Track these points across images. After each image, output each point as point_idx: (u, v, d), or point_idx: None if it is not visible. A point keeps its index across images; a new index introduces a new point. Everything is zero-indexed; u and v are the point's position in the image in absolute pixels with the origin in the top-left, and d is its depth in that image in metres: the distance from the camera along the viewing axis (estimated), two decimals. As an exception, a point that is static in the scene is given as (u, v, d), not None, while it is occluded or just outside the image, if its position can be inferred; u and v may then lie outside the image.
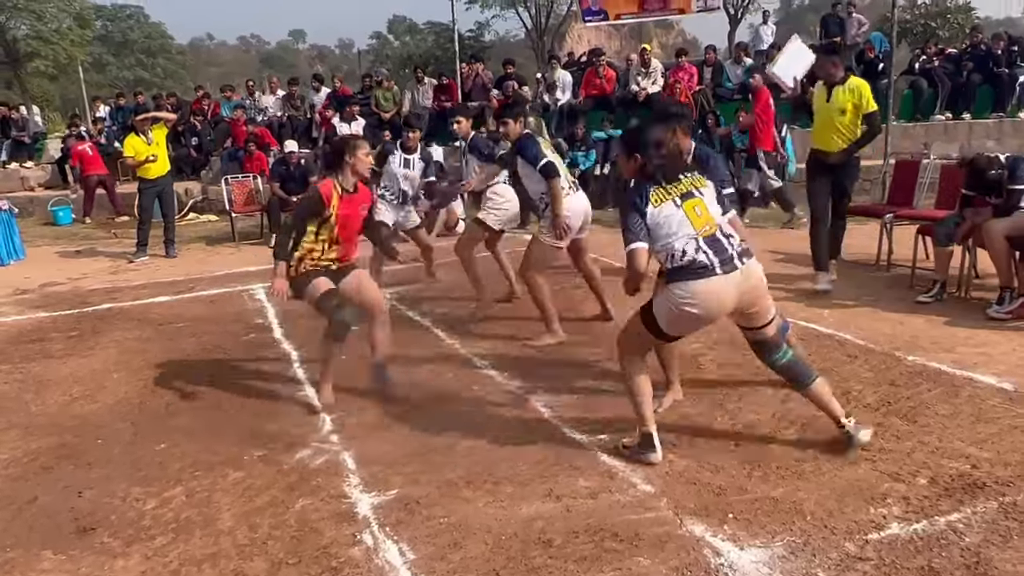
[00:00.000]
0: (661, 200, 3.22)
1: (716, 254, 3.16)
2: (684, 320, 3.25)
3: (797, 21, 55.57)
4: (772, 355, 3.41)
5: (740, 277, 3.18)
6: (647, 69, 12.38)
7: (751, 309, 3.28)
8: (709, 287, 3.14)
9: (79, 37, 29.71)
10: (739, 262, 3.19)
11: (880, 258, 6.78)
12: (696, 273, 3.15)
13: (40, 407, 4.50)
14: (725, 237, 3.23)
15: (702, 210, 3.23)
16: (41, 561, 2.90)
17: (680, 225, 3.19)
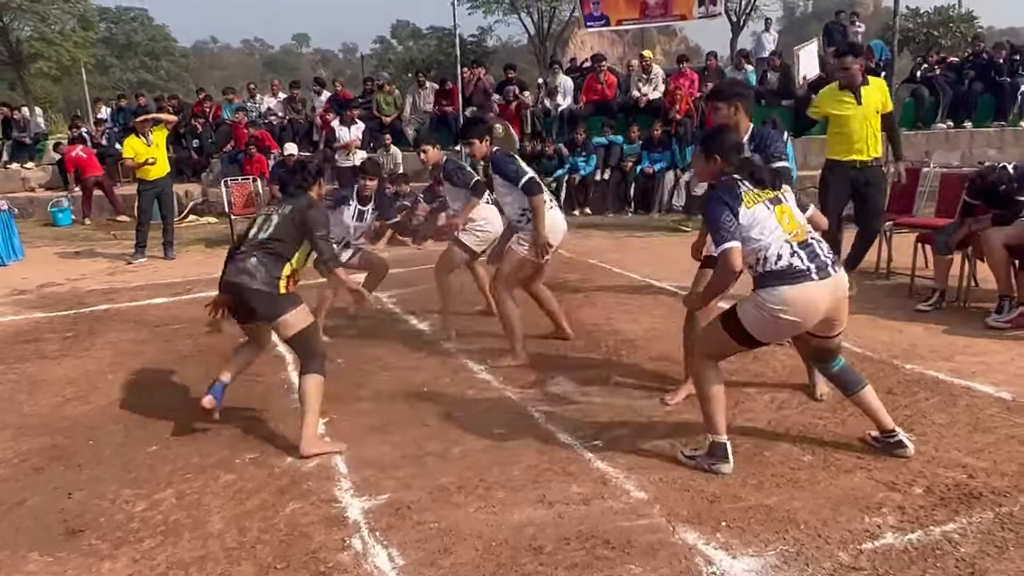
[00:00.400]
0: (754, 201, 3.14)
1: (810, 259, 3.09)
2: (780, 327, 3.16)
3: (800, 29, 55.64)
4: (830, 362, 3.42)
5: (833, 284, 3.12)
6: (648, 75, 12.38)
7: (836, 318, 3.23)
8: (806, 293, 3.06)
9: (82, 39, 29.81)
10: (832, 270, 3.13)
11: (879, 266, 6.75)
12: (792, 278, 3.06)
13: (33, 408, 4.47)
14: (817, 243, 3.17)
15: (790, 217, 3.17)
16: (28, 563, 2.87)
17: (774, 228, 3.11)
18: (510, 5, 32.59)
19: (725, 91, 4.07)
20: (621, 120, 12.08)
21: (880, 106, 5.58)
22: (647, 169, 11.19)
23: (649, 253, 8.12)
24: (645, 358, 4.82)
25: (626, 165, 11.39)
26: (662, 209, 11.07)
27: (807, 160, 11.53)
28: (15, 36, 27.94)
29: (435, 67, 27.32)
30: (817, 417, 3.81)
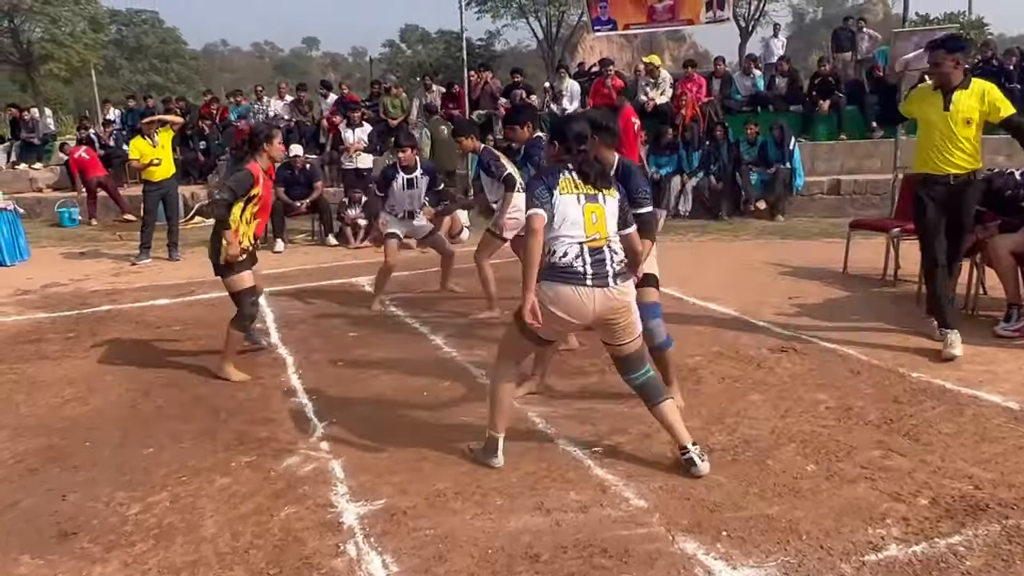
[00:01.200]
0: (568, 191, 3.22)
1: (594, 266, 3.18)
2: (548, 321, 3.22)
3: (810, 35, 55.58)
4: (629, 373, 3.42)
5: (605, 296, 3.18)
6: (655, 80, 12.34)
7: (614, 327, 3.29)
8: (573, 295, 3.16)
9: (93, 41, 29.97)
10: (612, 281, 3.19)
11: (886, 273, 6.69)
12: (569, 278, 3.17)
13: (30, 408, 4.45)
14: (610, 252, 3.23)
15: (599, 217, 3.22)
16: (18, 566, 2.84)
17: (572, 225, 3.19)
18: (519, 9, 32.61)
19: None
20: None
21: (976, 117, 4.67)
22: (653, 174, 11.14)
23: (653, 258, 8.05)
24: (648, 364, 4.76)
25: (632, 170, 11.31)
26: (668, 214, 11.00)
27: (814, 166, 11.48)
28: (26, 38, 28.11)
29: (443, 71, 27.38)
30: (821, 426, 3.75)
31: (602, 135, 3.76)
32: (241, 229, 4.73)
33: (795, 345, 5.01)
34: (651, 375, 3.45)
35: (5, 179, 13.41)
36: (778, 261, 7.72)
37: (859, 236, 7.31)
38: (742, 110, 12.06)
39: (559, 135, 3.39)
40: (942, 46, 4.73)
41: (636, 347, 3.38)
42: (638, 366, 3.40)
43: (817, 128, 11.99)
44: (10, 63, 29.31)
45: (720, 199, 10.77)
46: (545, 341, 3.46)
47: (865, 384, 4.28)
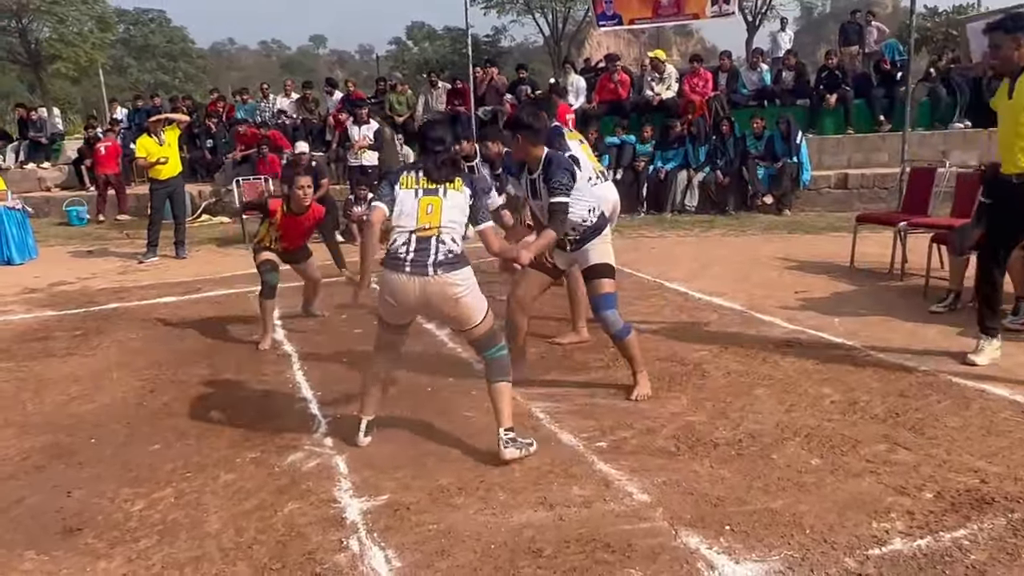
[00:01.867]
0: (408, 185, 3.42)
1: (417, 254, 3.33)
2: (384, 306, 3.47)
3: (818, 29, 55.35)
4: (480, 352, 3.58)
5: (422, 284, 3.32)
6: (661, 75, 12.31)
7: (445, 315, 3.48)
8: (396, 281, 3.35)
9: (100, 40, 30.03)
10: (431, 270, 3.31)
11: (893, 267, 6.66)
12: (393, 265, 3.35)
13: (37, 406, 4.47)
14: (438, 243, 3.34)
15: (435, 211, 3.37)
16: (23, 562, 2.85)
17: (407, 216, 3.37)
18: (524, 5, 32.55)
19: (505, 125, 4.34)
20: (634, 120, 12.02)
21: None
22: (660, 169, 11.12)
23: (659, 253, 8.05)
24: (652, 359, 4.75)
25: (639, 165, 11.31)
26: (674, 209, 10.99)
27: (821, 160, 11.44)
28: (34, 37, 28.19)
29: (449, 67, 27.35)
30: (826, 420, 3.74)
31: (526, 133, 3.94)
32: (267, 240, 5.56)
33: (800, 339, 4.99)
34: (500, 355, 3.53)
35: (13, 178, 13.46)
36: (784, 255, 7.70)
37: (866, 230, 7.27)
38: (748, 104, 12.01)
39: (419, 138, 3.66)
40: (1000, 26, 4.13)
41: (480, 332, 3.49)
42: (487, 346, 3.52)
43: (824, 122, 11.94)
44: (18, 63, 29.42)
45: (727, 194, 10.74)
46: (393, 326, 3.59)
47: (871, 378, 4.26)
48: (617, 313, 4.11)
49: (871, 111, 11.76)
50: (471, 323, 3.45)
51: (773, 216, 10.32)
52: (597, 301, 4.12)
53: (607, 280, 4.11)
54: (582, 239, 4.14)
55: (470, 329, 3.48)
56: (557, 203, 3.88)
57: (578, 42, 35.02)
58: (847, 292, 6.24)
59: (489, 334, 3.52)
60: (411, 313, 3.54)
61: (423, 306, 3.42)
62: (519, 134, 3.98)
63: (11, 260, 9.24)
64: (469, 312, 3.43)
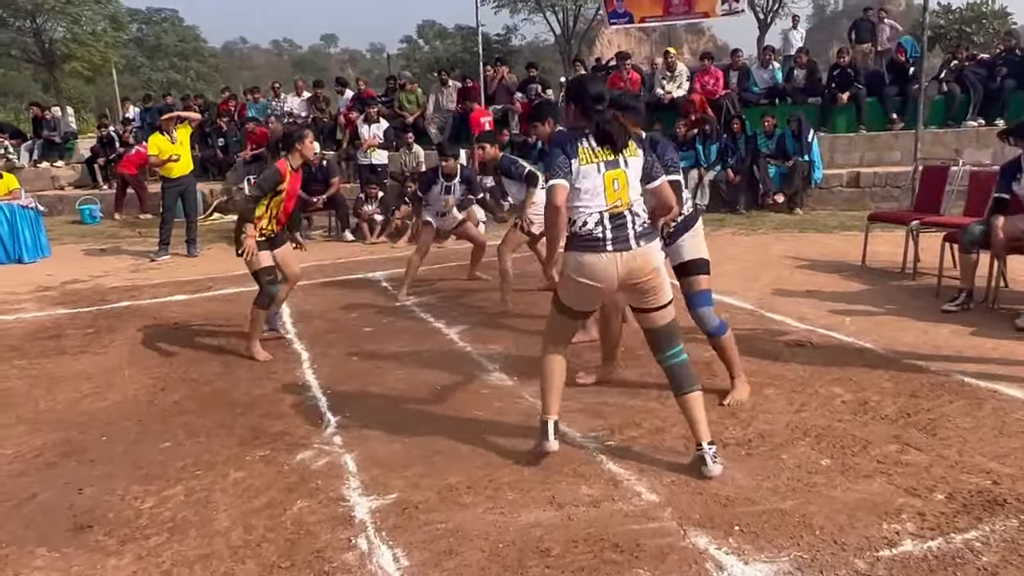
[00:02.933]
0: (588, 160, 3.15)
1: (614, 231, 3.14)
2: (580, 290, 3.25)
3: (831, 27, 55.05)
4: (660, 351, 3.34)
5: (627, 258, 3.15)
6: (672, 73, 12.27)
7: (640, 288, 3.23)
8: (597, 262, 3.15)
9: (114, 39, 30.22)
10: (634, 243, 3.16)
11: (905, 266, 6.62)
12: (590, 247, 3.15)
13: (49, 403, 4.50)
14: (632, 215, 3.18)
15: (620, 184, 3.16)
16: (35, 558, 2.87)
17: (594, 194, 3.15)
18: (535, 4, 32.53)
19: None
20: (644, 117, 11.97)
21: None
22: (670, 168, 11.07)
23: (703, 243, 8.00)
24: (662, 358, 4.74)
25: (649, 163, 11.26)
26: (685, 208, 10.94)
27: (833, 159, 11.38)
28: (48, 37, 28.39)
29: (460, 66, 27.34)
30: (836, 420, 3.72)
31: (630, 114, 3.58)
32: (264, 219, 5.12)
33: (812, 339, 4.97)
34: (683, 359, 3.32)
35: (27, 177, 13.56)
36: (796, 254, 7.66)
37: (878, 229, 7.23)
38: (760, 103, 11.96)
39: (575, 96, 3.29)
40: None
41: (667, 319, 3.29)
42: (670, 343, 3.30)
43: (836, 120, 11.87)
44: (32, 62, 29.64)
45: (738, 192, 10.69)
46: (580, 314, 3.43)
47: (882, 378, 4.23)
48: (712, 310, 3.99)
49: (883, 109, 11.68)
50: (660, 301, 3.25)
51: (784, 215, 10.28)
52: (693, 298, 3.97)
53: (703, 276, 3.99)
54: (675, 232, 3.99)
55: (662, 309, 3.26)
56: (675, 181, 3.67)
57: (589, 40, 35.00)
58: (859, 291, 6.20)
59: (675, 325, 3.34)
60: (605, 295, 3.35)
61: (625, 283, 3.20)
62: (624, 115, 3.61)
63: (24, 258, 9.30)
64: (665, 285, 3.25)
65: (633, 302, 3.33)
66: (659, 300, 3.25)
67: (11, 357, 5.39)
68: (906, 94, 11.42)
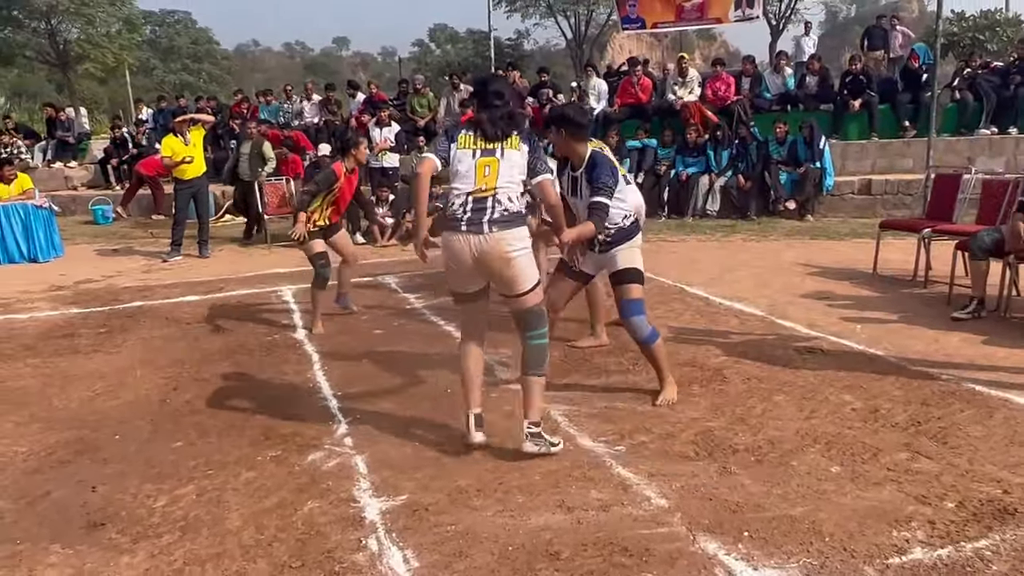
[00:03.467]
0: (465, 145, 3.40)
1: (473, 213, 3.32)
2: (449, 274, 3.49)
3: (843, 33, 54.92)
4: (523, 330, 3.51)
5: (478, 241, 3.31)
6: (684, 78, 12.27)
7: (496, 276, 3.41)
8: (454, 241, 3.35)
9: (128, 41, 30.38)
10: (487, 227, 3.30)
11: (917, 274, 6.60)
12: (451, 226, 3.36)
13: (63, 402, 4.53)
14: (494, 202, 3.33)
15: (492, 171, 3.35)
16: (49, 555, 2.90)
17: (464, 178, 3.37)
18: (547, 8, 32.58)
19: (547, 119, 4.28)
20: (656, 124, 12.00)
21: None
22: (681, 174, 11.09)
23: (680, 257, 8.02)
24: (672, 363, 4.73)
25: (660, 169, 11.29)
26: (696, 213, 10.95)
27: (845, 166, 11.36)
28: (63, 38, 28.57)
29: (471, 70, 27.40)
30: (847, 427, 3.71)
31: (572, 129, 3.94)
32: (317, 214, 5.73)
33: (822, 346, 4.96)
34: (541, 343, 3.51)
35: (41, 177, 13.66)
36: (806, 261, 7.65)
37: (889, 236, 7.22)
38: (772, 109, 11.95)
39: (478, 94, 3.56)
40: None
41: (529, 304, 3.45)
42: (531, 324, 3.48)
43: (848, 127, 11.85)
44: (47, 63, 29.83)
45: (749, 199, 10.68)
46: (465, 296, 3.56)
47: (893, 386, 4.23)
48: (644, 319, 4.10)
49: (896, 116, 11.66)
50: (522, 287, 3.40)
51: (795, 221, 10.26)
52: (624, 306, 4.11)
53: (635, 286, 4.09)
54: (612, 242, 4.13)
55: (520, 296, 3.42)
56: (598, 202, 3.83)
57: (600, 45, 35.02)
58: (869, 298, 6.19)
59: (537, 311, 3.49)
60: (471, 276, 3.47)
61: (479, 265, 3.37)
62: (564, 129, 3.96)
63: (37, 258, 9.38)
64: (521, 275, 3.39)
65: (498, 289, 3.50)
66: (514, 288, 3.41)
67: (25, 356, 5.44)
68: (919, 101, 11.39)
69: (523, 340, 3.53)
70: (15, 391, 4.74)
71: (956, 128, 11.43)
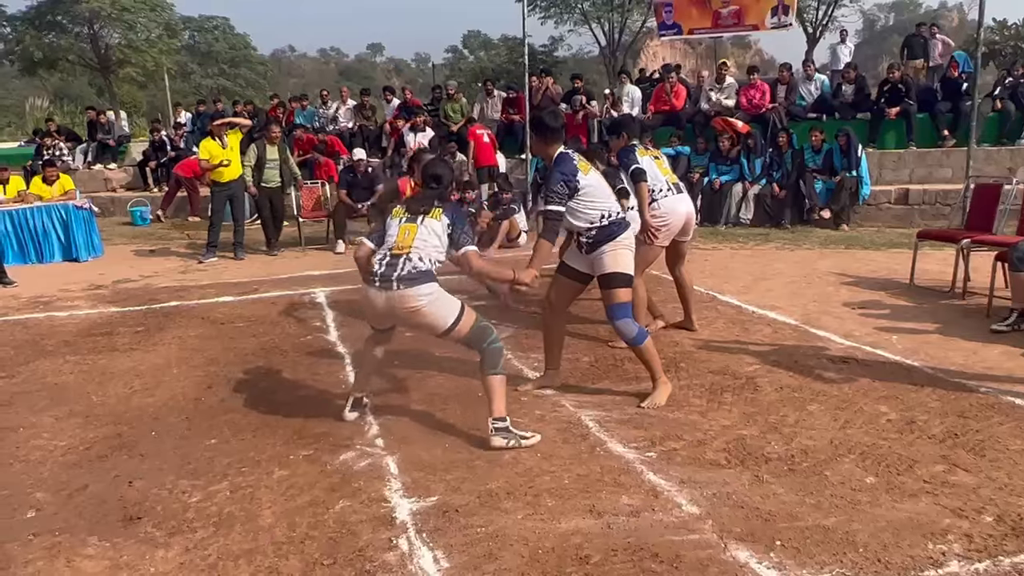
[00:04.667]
0: (395, 215, 3.83)
1: (386, 268, 3.68)
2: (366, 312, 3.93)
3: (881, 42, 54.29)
4: (475, 347, 3.79)
5: (387, 296, 3.67)
6: (721, 84, 12.21)
7: (410, 325, 3.90)
8: (368, 293, 3.75)
9: (167, 46, 30.87)
10: (395, 284, 3.64)
11: (955, 285, 6.49)
12: (368, 279, 3.75)
13: (101, 398, 4.62)
14: (406, 261, 3.67)
15: (410, 234, 3.74)
16: (86, 547, 2.95)
17: (389, 238, 3.77)
18: (581, 15, 32.58)
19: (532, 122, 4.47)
20: (689, 131, 11.94)
21: None
22: (714, 181, 11.02)
23: (713, 265, 7.97)
24: (704, 371, 4.72)
25: (693, 176, 11.24)
26: (729, 221, 10.88)
27: (881, 175, 11.22)
28: (104, 43, 29.11)
29: (505, 76, 27.50)
30: (882, 438, 3.67)
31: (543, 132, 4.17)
32: None
33: (857, 356, 4.90)
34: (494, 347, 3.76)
35: (82, 179, 13.92)
36: (841, 271, 7.57)
37: (927, 247, 7.12)
38: (808, 117, 11.85)
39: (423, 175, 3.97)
40: None
41: (461, 335, 3.75)
42: (478, 342, 3.77)
43: (885, 136, 11.70)
44: (89, 67, 30.40)
45: (783, 207, 10.59)
46: (377, 330, 4.03)
47: (930, 397, 4.16)
48: (630, 322, 4.18)
49: (935, 126, 11.49)
50: (439, 330, 3.74)
51: (830, 231, 10.15)
52: (610, 310, 4.19)
53: (621, 290, 4.15)
54: (595, 242, 4.17)
55: (445, 334, 3.75)
56: (548, 211, 4.08)
57: (634, 53, 34.94)
58: (906, 309, 6.11)
59: (474, 333, 3.76)
60: (384, 320, 3.89)
61: (389, 314, 3.77)
62: (536, 132, 4.22)
63: (78, 257, 9.57)
64: (433, 321, 3.72)
65: None
66: (435, 332, 3.79)
67: (65, 353, 5.55)
68: (958, 111, 11.21)
69: (479, 350, 3.78)
70: (55, 387, 4.84)
71: (997, 138, 11.24)
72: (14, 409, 4.46)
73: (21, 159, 14.75)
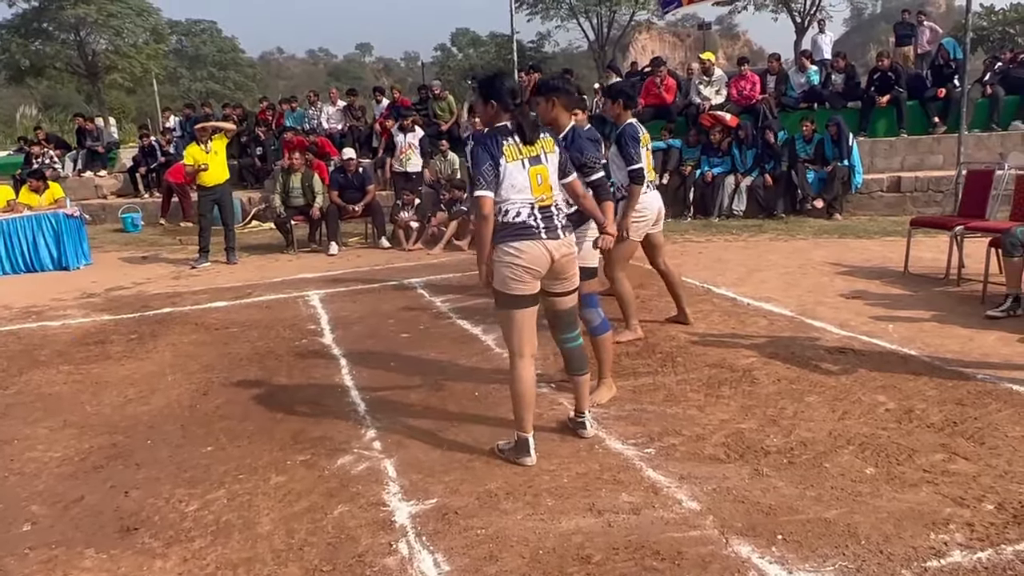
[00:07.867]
0: (514, 157, 3.38)
1: (544, 220, 3.41)
2: (516, 274, 3.40)
3: (869, 30, 54.37)
4: (563, 332, 3.68)
5: (556, 245, 3.43)
6: (710, 78, 12.19)
7: (563, 275, 3.55)
8: (534, 248, 3.38)
9: (155, 51, 30.80)
10: (562, 233, 3.46)
11: (949, 272, 6.49)
12: (525, 234, 3.38)
13: (95, 407, 4.58)
14: (556, 209, 3.48)
15: (543, 178, 3.43)
16: (83, 559, 2.92)
17: (521, 190, 3.38)
18: (569, 10, 32.56)
19: (543, 86, 4.20)
20: (681, 123, 11.93)
21: None
22: (706, 174, 11.01)
23: (707, 258, 7.97)
24: (701, 364, 4.71)
25: (685, 169, 11.22)
26: (721, 214, 10.87)
27: (873, 163, 11.23)
28: (91, 49, 29.01)
29: (494, 73, 27.40)
30: (880, 428, 3.66)
31: (562, 96, 4.04)
32: None
33: (853, 346, 4.90)
34: (580, 343, 3.69)
35: (71, 186, 13.84)
36: (836, 260, 7.56)
37: (920, 234, 7.12)
38: (798, 107, 11.84)
39: (492, 93, 3.44)
40: None
41: (573, 303, 3.64)
42: (573, 326, 3.67)
43: (876, 124, 11.71)
44: (76, 74, 30.30)
45: (776, 197, 10.58)
46: (527, 298, 3.46)
47: (927, 386, 4.16)
48: (599, 311, 4.20)
49: (925, 112, 11.49)
50: (574, 286, 3.61)
51: (824, 220, 10.15)
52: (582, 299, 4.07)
53: (592, 281, 4.18)
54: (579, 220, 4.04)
55: (569, 295, 3.61)
56: (600, 180, 4.02)
57: (622, 46, 34.92)
58: (901, 297, 6.10)
59: (575, 311, 3.69)
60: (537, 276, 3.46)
61: (553, 268, 3.47)
62: (555, 97, 4.04)
63: (68, 266, 9.51)
64: (577, 277, 3.63)
65: (549, 288, 3.57)
66: (571, 287, 3.61)
67: (58, 362, 5.51)
68: (948, 97, 11.22)
69: (563, 342, 3.70)
70: (49, 397, 4.80)
71: (987, 123, 11.25)
72: (8, 421, 4.43)
73: (11, 168, 14.69)
